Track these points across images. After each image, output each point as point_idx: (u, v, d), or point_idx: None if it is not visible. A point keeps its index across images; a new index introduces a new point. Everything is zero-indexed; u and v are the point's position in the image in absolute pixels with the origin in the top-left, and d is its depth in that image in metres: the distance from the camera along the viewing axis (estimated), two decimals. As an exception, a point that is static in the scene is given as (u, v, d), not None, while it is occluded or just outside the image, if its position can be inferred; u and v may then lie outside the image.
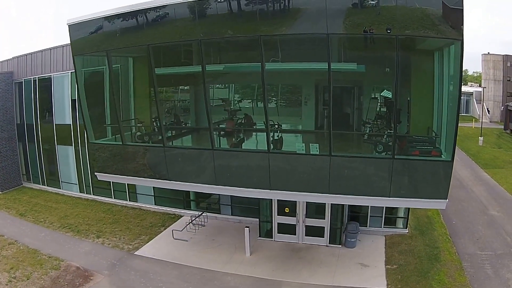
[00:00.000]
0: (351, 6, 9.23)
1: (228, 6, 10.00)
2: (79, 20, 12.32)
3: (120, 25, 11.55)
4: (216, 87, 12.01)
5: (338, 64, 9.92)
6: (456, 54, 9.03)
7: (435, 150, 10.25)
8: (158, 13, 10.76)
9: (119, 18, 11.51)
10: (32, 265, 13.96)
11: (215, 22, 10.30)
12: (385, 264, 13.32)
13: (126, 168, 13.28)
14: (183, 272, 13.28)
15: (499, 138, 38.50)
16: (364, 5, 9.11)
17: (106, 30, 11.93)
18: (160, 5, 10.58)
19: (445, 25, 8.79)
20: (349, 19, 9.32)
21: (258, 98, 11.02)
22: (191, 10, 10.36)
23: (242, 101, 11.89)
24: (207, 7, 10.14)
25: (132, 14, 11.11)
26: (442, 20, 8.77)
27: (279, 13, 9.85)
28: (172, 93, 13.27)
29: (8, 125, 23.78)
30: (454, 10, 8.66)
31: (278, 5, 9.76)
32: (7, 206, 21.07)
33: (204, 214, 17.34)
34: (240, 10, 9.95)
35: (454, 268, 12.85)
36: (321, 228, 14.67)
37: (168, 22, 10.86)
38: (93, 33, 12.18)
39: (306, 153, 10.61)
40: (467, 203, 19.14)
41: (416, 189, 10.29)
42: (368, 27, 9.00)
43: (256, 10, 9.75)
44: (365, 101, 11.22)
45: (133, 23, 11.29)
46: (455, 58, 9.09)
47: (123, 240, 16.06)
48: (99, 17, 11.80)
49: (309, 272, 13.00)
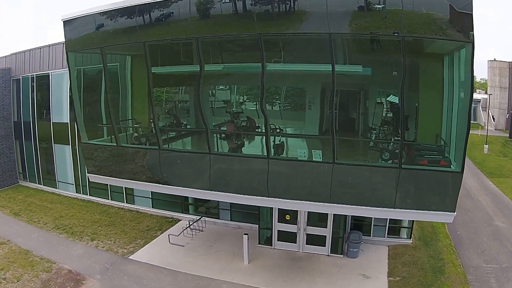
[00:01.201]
0: (356, 9, 8.81)
1: (228, 3, 9.56)
2: (74, 15, 11.95)
3: (115, 22, 11.17)
4: (213, 88, 11.59)
5: (343, 66, 9.48)
6: (466, 58, 8.57)
7: (444, 160, 9.76)
8: (154, 10, 10.35)
9: (114, 14, 11.13)
10: (23, 267, 13.60)
11: (214, 20, 9.87)
12: (387, 276, 12.86)
13: (120, 170, 12.85)
14: (178, 279, 12.86)
15: (505, 146, 38.31)
16: (371, 8, 8.68)
17: (100, 27, 11.53)
18: (157, 1, 10.16)
19: (454, 28, 8.40)
20: (354, 21, 8.91)
21: (257, 101, 10.54)
22: (189, 7, 9.91)
23: (242, 104, 11.44)
24: (206, 4, 9.69)
25: (127, 10, 10.70)
26: (451, 23, 8.39)
27: (280, 12, 9.41)
28: (168, 93, 12.85)
29: (5, 122, 23.48)
30: (463, 13, 8.23)
31: (280, 4, 9.32)
32: (1, 204, 20.70)
33: (202, 219, 16.89)
34: (241, 8, 9.49)
35: (459, 282, 12.44)
36: (322, 237, 14.19)
37: (164, 19, 10.43)
38: (88, 29, 11.80)
39: (308, 159, 10.15)
40: (472, 213, 18.75)
41: (422, 201, 9.81)
42: (375, 30, 8.55)
43: (257, 8, 9.28)
44: (370, 106, 10.78)
45: (129, 19, 10.87)
46: (466, 62, 8.62)
47: (118, 243, 15.63)
48: (94, 12, 11.41)
49: (308, 283, 12.51)
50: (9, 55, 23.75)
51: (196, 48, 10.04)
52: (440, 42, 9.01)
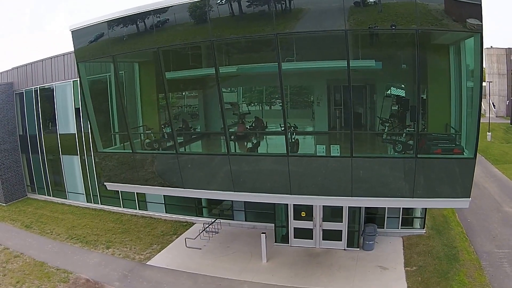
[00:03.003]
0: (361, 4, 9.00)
1: (240, 4, 9.66)
2: (82, 25, 11.98)
3: (126, 29, 11.22)
4: (229, 90, 11.70)
5: (356, 61, 9.60)
6: (475, 48, 8.80)
7: (457, 148, 9.98)
8: (166, 14, 10.42)
9: (124, 21, 11.17)
10: (39, 278, 13.59)
11: (227, 22, 9.98)
12: (404, 266, 13.06)
13: (137, 177, 12.93)
14: (198, 282, 12.93)
15: (507, 133, 38.53)
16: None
17: (111, 35, 11.56)
18: (167, 6, 10.25)
19: (463, 19, 8.59)
20: (363, 15, 9.10)
21: (275, 100, 10.70)
22: (200, 11, 10.04)
23: (257, 104, 11.58)
24: (219, 6, 9.82)
25: (138, 16, 10.78)
26: (460, 13, 8.59)
27: (293, 11, 9.55)
28: (183, 97, 12.96)
29: (11, 136, 23.51)
30: (472, 4, 8.46)
31: (292, 3, 9.49)
32: (12, 218, 20.67)
33: (217, 221, 16.99)
34: (254, 8, 9.62)
35: (473, 268, 12.66)
36: (338, 232, 14.35)
37: (176, 24, 10.54)
38: (98, 38, 11.83)
39: (327, 155, 10.32)
40: (480, 200, 18.95)
41: (438, 188, 9.99)
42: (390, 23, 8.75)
43: (271, 8, 9.43)
44: (381, 100, 10.95)
45: (140, 26, 10.96)
46: (475, 52, 8.87)
47: (134, 250, 15.69)
48: (103, 21, 11.44)
49: (328, 277, 12.66)
50: (11, 69, 23.79)
51: (211, 50, 10.14)
52: (448, 33, 9.26)
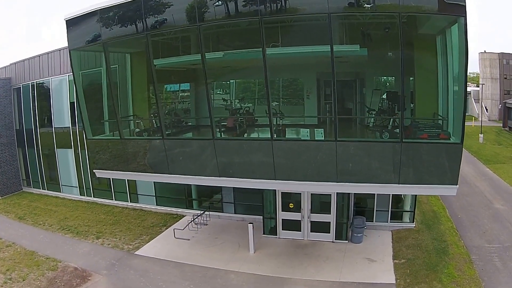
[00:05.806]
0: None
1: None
2: (76, 14, 12.20)
3: (116, 16, 11.40)
4: (217, 76, 11.78)
5: (340, 46, 9.68)
6: (460, 32, 8.85)
7: (443, 133, 9.99)
8: (154, 1, 10.56)
9: (114, 9, 11.39)
10: (29, 266, 13.68)
11: (213, 7, 10.07)
12: (393, 259, 13.00)
13: (126, 164, 13.00)
14: (185, 271, 12.94)
15: (499, 135, 38.95)
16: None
17: (102, 22, 11.75)
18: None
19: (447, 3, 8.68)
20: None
21: (260, 85, 10.76)
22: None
23: (244, 90, 11.65)
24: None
25: (129, 4, 10.96)
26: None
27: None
28: (172, 84, 13.04)
29: (7, 131, 23.70)
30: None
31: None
32: (6, 210, 20.80)
33: (206, 213, 17.00)
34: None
35: (463, 261, 12.61)
36: (326, 224, 14.33)
37: (166, 10, 10.68)
38: (89, 26, 12.03)
39: (311, 139, 10.34)
40: (471, 197, 18.98)
41: (425, 175, 9.98)
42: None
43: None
44: (369, 86, 11.00)
45: (130, 13, 11.12)
46: (459, 37, 8.90)
47: (123, 240, 15.72)
48: (95, 9, 11.67)
49: (315, 268, 12.63)
50: (9, 65, 24.06)
51: (198, 36, 10.24)
52: (433, 20, 9.34)
